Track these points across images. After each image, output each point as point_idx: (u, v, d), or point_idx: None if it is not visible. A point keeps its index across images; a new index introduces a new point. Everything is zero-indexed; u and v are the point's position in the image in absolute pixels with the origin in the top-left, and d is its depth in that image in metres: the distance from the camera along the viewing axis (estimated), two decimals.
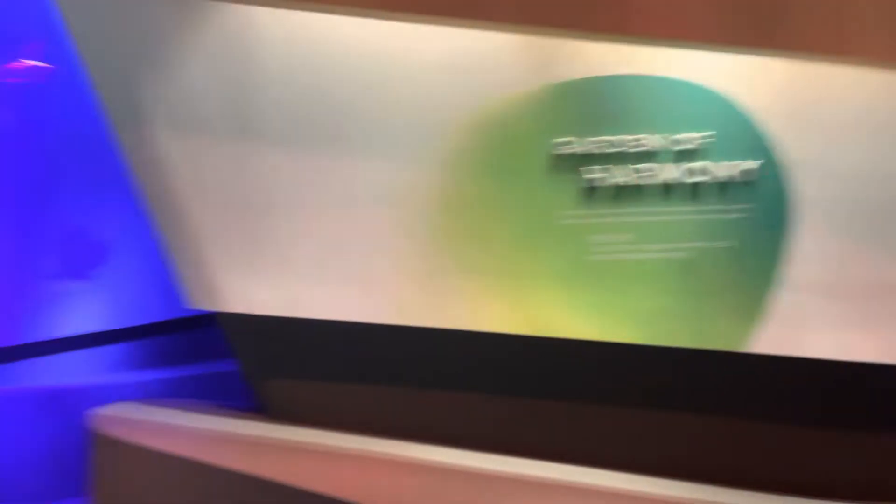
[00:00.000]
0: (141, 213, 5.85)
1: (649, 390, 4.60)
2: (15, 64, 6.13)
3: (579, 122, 4.44)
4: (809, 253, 4.36)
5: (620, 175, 4.44)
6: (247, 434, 4.56)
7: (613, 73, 4.40)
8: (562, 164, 4.47)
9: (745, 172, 4.37)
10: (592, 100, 4.43)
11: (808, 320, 4.38)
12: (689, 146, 4.38)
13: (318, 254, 4.60)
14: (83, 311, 6.95)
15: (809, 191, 4.35)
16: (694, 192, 4.40)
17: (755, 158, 4.37)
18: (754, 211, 4.40)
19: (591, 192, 4.47)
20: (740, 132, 4.37)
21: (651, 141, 4.41)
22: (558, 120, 4.45)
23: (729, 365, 4.49)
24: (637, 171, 4.43)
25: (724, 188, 4.41)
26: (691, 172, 4.40)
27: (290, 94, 4.50)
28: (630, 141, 4.42)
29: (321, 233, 4.58)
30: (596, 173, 4.45)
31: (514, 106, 4.46)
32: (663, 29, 4.02)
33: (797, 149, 4.34)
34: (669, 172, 4.42)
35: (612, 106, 4.43)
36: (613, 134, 4.43)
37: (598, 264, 4.49)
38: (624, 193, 4.46)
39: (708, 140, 4.38)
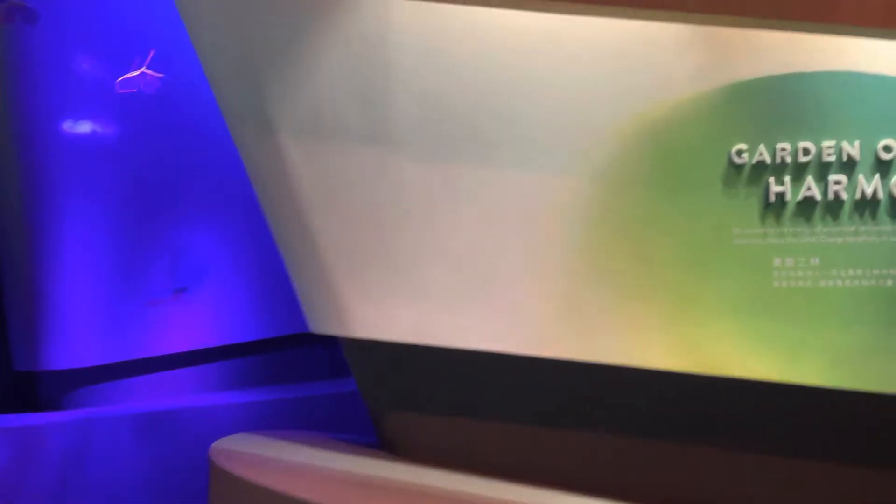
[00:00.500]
0: (243, 229, 5.43)
1: (842, 441, 3.90)
2: (128, 74, 5.91)
3: (764, 126, 3.82)
4: None
5: (811, 188, 3.79)
6: (371, 476, 4.08)
7: (802, 70, 3.77)
8: (742, 174, 3.85)
9: None
10: (779, 100, 3.81)
11: None
12: (891, 155, 3.70)
13: (456, 275, 4.12)
14: (178, 330, 6.67)
15: None
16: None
17: None
18: None
19: (777, 208, 3.84)
20: None
21: (848, 148, 3.75)
22: (740, 124, 3.85)
23: None
24: (834, 182, 3.78)
25: None
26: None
27: (429, 95, 4.06)
28: (825, 148, 3.77)
29: (461, 251, 4.10)
30: (783, 185, 3.82)
31: (687, 108, 3.88)
32: (874, 17, 3.39)
33: None
34: (869, 185, 3.74)
35: (801, 107, 3.80)
36: (803, 139, 3.79)
37: (783, 292, 3.84)
38: (814, 209, 3.81)
39: None
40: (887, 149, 3.73)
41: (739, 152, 3.83)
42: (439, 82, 4.03)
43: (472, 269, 4.12)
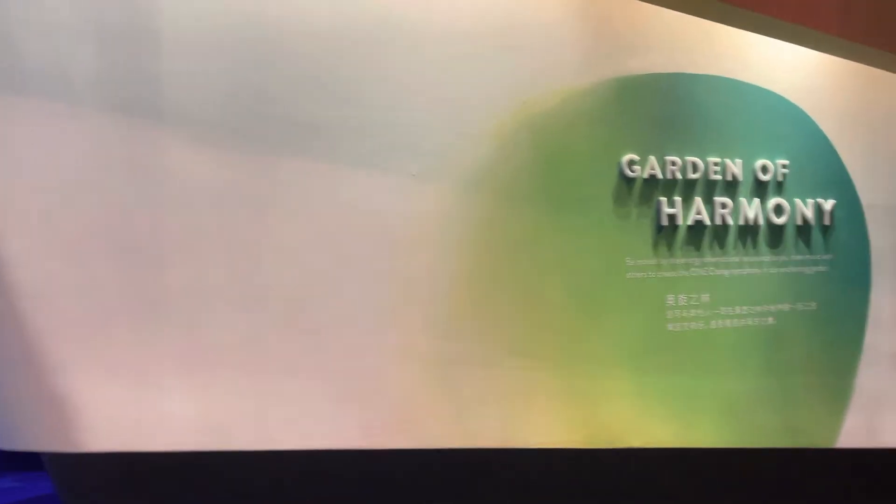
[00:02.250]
0: None
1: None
2: None
3: (653, 134, 3.11)
4: (887, 316, 3.56)
5: (700, 210, 3.19)
6: None
7: (686, 71, 3.17)
8: (634, 190, 3.07)
9: (832, 212, 3.43)
10: (665, 103, 3.14)
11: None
12: (770, 176, 3.31)
13: (249, 334, 2.51)
14: None
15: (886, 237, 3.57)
16: (776, 235, 3.32)
17: (838, 195, 3.47)
18: (840, 261, 3.47)
19: (669, 233, 3.13)
20: (823, 161, 3.45)
21: (732, 167, 3.25)
22: (629, 128, 3.07)
23: (819, 464, 3.42)
24: (720, 205, 3.23)
25: (807, 231, 3.41)
26: (778, 211, 3.33)
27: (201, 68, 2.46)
28: (711, 165, 3.21)
29: (244, 311, 2.52)
30: (674, 206, 3.14)
31: (572, 103, 2.97)
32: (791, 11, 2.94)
33: (872, 187, 3.55)
34: (751, 209, 3.29)
35: (687, 113, 3.18)
36: (690, 153, 3.18)
37: (677, 337, 3.14)
38: (703, 235, 3.21)
39: (791, 168, 3.36)
40: (764, 169, 3.31)
41: (631, 164, 3.05)
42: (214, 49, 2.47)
43: (274, 321, 2.56)
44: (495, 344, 2.82)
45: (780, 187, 3.35)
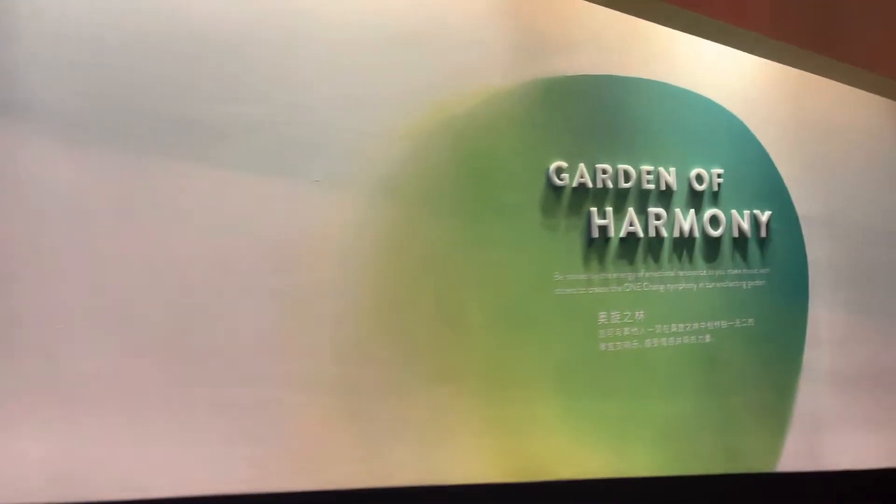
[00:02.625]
0: None
1: None
2: None
3: (582, 140, 2.89)
4: (826, 332, 3.42)
5: (634, 222, 2.98)
6: None
7: (616, 74, 2.98)
8: (563, 200, 2.85)
9: (768, 224, 3.28)
10: (595, 107, 2.93)
11: (835, 421, 3.39)
12: (705, 185, 3.14)
13: (103, 371, 2.16)
14: None
15: (821, 250, 3.44)
16: (712, 248, 3.14)
17: (774, 206, 3.32)
18: (777, 275, 3.32)
19: (601, 246, 2.92)
20: (759, 171, 3.30)
21: (666, 175, 3.06)
22: (557, 133, 2.84)
23: (759, 490, 3.23)
24: (654, 216, 3.03)
25: (743, 244, 3.24)
26: (713, 222, 3.16)
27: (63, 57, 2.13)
28: (644, 174, 3.01)
29: (110, 335, 2.17)
30: (605, 217, 2.92)
31: (496, 104, 2.73)
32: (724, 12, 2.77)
33: (810, 199, 3.42)
34: (686, 220, 3.10)
35: (617, 119, 2.98)
36: (622, 161, 2.98)
37: (610, 357, 2.91)
38: (637, 248, 3.00)
39: (726, 178, 3.20)
40: (699, 179, 3.13)
41: (559, 171, 2.82)
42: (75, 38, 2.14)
43: (146, 348, 2.22)
44: (409, 369, 2.53)
45: (715, 198, 3.17)
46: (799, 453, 3.29)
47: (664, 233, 3.03)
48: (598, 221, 2.88)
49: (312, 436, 2.37)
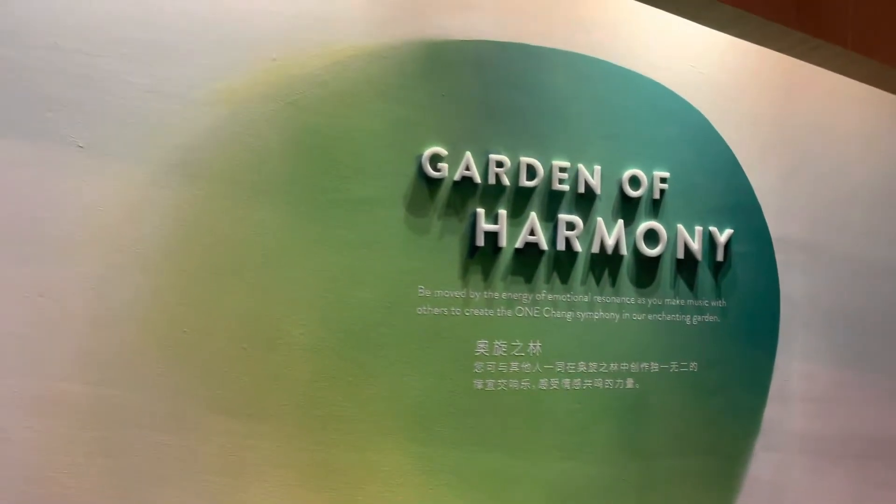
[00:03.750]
0: None
1: None
2: None
3: (471, 123, 2.29)
4: (797, 385, 2.72)
5: (536, 230, 2.36)
6: None
7: (524, 42, 2.36)
8: (438, 197, 2.25)
9: (728, 245, 2.61)
10: (493, 83, 2.32)
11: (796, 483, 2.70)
12: (642, 191, 2.49)
13: None
14: None
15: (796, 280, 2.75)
16: (646, 271, 2.49)
17: (739, 223, 2.64)
18: (736, 310, 2.64)
19: (487, 258, 2.31)
20: (722, 177, 2.62)
21: (587, 175, 2.42)
22: (434, 113, 2.25)
23: None
24: (566, 224, 2.40)
25: (691, 268, 2.58)
26: (650, 238, 2.51)
27: None
28: (556, 170, 2.38)
29: None
30: (497, 222, 2.31)
31: (354, 69, 2.16)
32: None
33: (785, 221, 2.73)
34: (611, 234, 2.46)
35: (524, 101, 2.36)
36: (527, 152, 2.36)
37: (488, 398, 2.30)
38: (539, 264, 2.38)
39: (673, 184, 2.54)
40: (634, 182, 2.48)
41: (435, 160, 2.22)
42: None
43: None
44: (195, 396, 1.98)
45: (655, 207, 2.52)
46: None
47: (578, 247, 2.40)
48: (485, 226, 2.28)
49: (49, 479, 1.85)
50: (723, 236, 2.60)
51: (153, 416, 1.93)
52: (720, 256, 2.60)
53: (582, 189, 2.41)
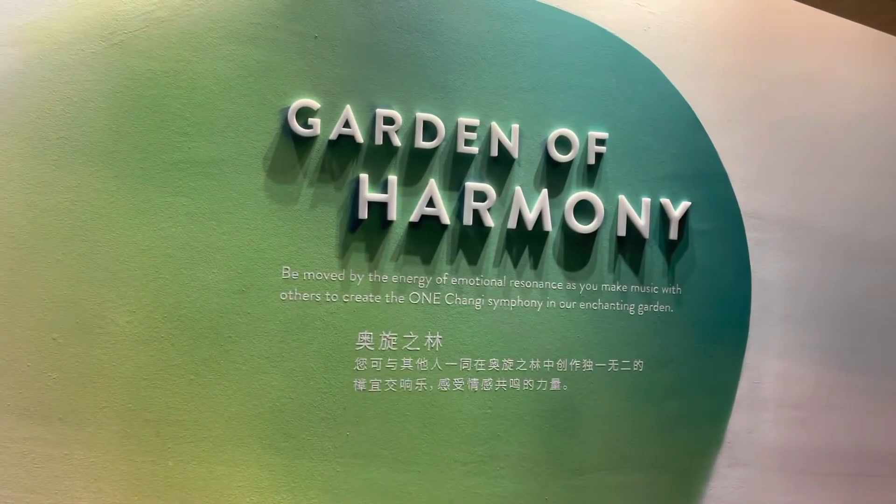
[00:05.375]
0: None
1: None
2: None
3: (356, 66, 1.90)
4: (771, 388, 2.28)
5: (436, 201, 1.96)
6: None
7: None
8: (308, 159, 1.87)
9: (684, 221, 2.18)
10: (385, 13, 1.93)
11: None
12: (572, 155, 2.06)
13: None
14: None
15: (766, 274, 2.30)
16: (578, 251, 2.07)
17: (700, 193, 2.20)
18: (695, 298, 2.21)
19: (373, 233, 1.92)
20: (677, 137, 2.18)
21: (500, 134, 2.01)
22: (308, 57, 1.87)
23: None
24: (474, 194, 1.99)
25: (636, 248, 2.15)
26: (582, 212, 2.09)
27: None
28: (462, 128, 1.98)
29: None
30: (385, 190, 1.92)
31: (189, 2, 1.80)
32: None
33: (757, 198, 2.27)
34: (531, 209, 2.04)
35: (428, 38, 1.96)
36: (423, 106, 1.95)
37: (373, 402, 1.93)
38: (439, 242, 1.98)
39: (613, 146, 2.11)
40: (563, 144, 2.06)
41: (304, 115, 1.84)
42: None
43: None
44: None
45: (590, 175, 2.09)
46: None
47: (490, 221, 1.99)
48: (369, 195, 1.89)
49: None
50: (677, 210, 2.16)
51: None
52: (674, 234, 2.16)
53: (495, 152, 2.00)
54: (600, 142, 2.09)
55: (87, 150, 1.70)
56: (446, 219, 1.96)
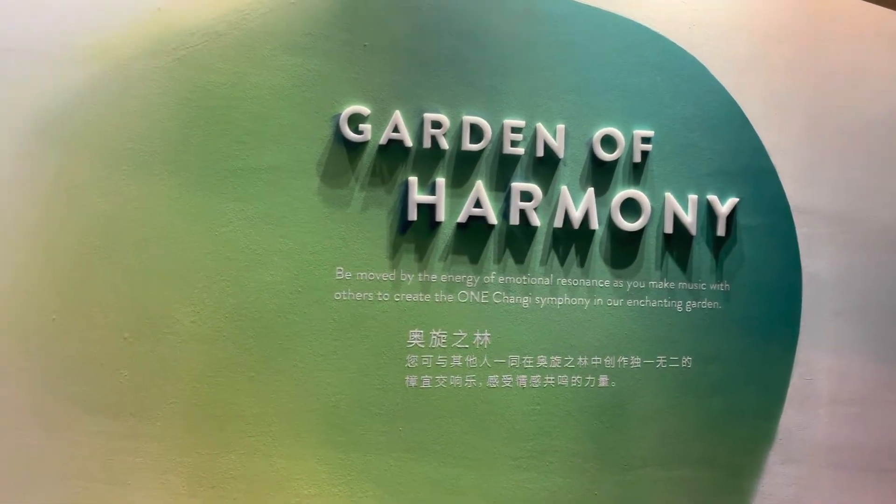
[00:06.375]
0: None
1: None
2: None
3: (399, 71, 1.96)
4: (825, 385, 2.26)
5: (483, 201, 2.01)
6: None
7: None
8: (359, 162, 1.94)
9: (732, 217, 2.18)
10: (433, 17, 1.98)
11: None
12: (618, 154, 2.08)
13: None
14: None
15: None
16: (625, 249, 2.09)
17: (748, 190, 2.20)
18: (744, 295, 2.21)
19: (421, 235, 1.98)
20: (725, 135, 2.18)
21: (546, 134, 2.04)
22: (350, 55, 1.93)
23: None
24: (520, 194, 2.03)
25: (684, 245, 2.16)
26: (629, 210, 2.11)
27: None
28: (508, 129, 2.02)
29: None
30: (433, 192, 1.98)
31: (248, 18, 1.87)
32: None
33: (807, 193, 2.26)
34: (577, 207, 2.07)
35: (473, 42, 2.01)
36: (470, 110, 2.00)
37: (423, 397, 1.99)
38: (486, 242, 2.03)
39: (659, 144, 2.13)
40: (608, 143, 2.08)
41: (355, 121, 1.91)
42: None
43: None
44: (67, 395, 1.77)
45: (636, 173, 2.12)
46: None
47: (537, 220, 2.03)
48: (418, 197, 1.95)
49: None
50: (725, 206, 2.16)
51: (15, 415, 1.73)
52: (721, 230, 2.17)
53: (541, 152, 2.04)
54: (646, 140, 2.10)
55: (153, 161, 1.80)
56: (493, 219, 2.00)
